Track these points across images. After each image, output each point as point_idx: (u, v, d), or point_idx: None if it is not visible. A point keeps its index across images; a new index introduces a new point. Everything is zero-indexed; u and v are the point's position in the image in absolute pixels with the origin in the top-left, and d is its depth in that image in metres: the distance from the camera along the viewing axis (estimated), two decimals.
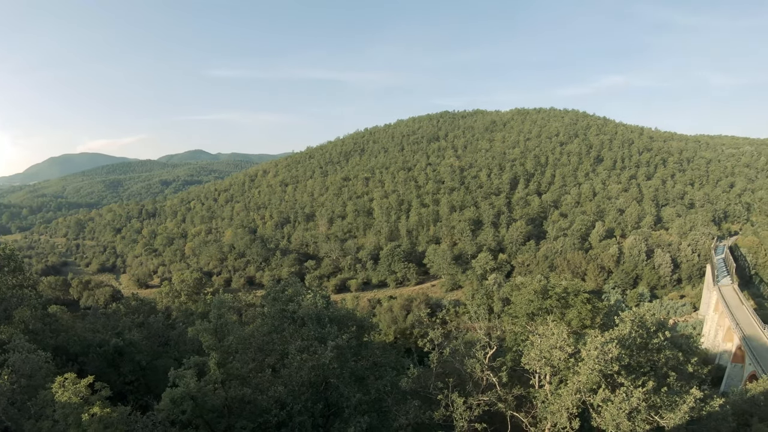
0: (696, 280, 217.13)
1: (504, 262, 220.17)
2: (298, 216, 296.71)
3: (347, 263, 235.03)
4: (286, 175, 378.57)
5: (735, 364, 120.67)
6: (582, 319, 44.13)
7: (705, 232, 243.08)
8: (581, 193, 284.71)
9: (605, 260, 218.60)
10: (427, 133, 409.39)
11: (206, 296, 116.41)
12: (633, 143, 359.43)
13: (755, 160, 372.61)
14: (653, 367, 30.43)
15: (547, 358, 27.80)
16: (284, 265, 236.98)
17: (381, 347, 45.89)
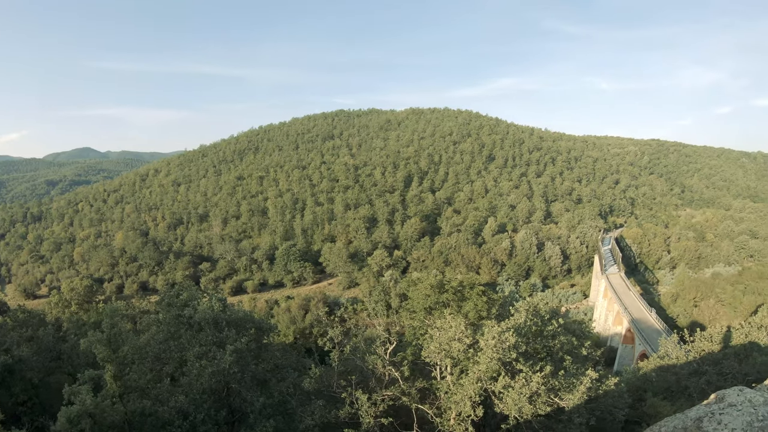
0: (585, 270, 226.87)
1: (400, 259, 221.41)
2: (191, 217, 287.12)
3: (243, 264, 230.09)
4: (179, 175, 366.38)
5: (626, 345, 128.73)
6: (478, 311, 44.34)
7: (592, 225, 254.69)
8: (474, 190, 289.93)
9: (498, 254, 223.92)
10: (322, 132, 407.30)
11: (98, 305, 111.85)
12: (524, 143, 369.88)
13: (638, 159, 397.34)
14: (549, 352, 30.95)
15: (446, 350, 27.60)
16: (178, 269, 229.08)
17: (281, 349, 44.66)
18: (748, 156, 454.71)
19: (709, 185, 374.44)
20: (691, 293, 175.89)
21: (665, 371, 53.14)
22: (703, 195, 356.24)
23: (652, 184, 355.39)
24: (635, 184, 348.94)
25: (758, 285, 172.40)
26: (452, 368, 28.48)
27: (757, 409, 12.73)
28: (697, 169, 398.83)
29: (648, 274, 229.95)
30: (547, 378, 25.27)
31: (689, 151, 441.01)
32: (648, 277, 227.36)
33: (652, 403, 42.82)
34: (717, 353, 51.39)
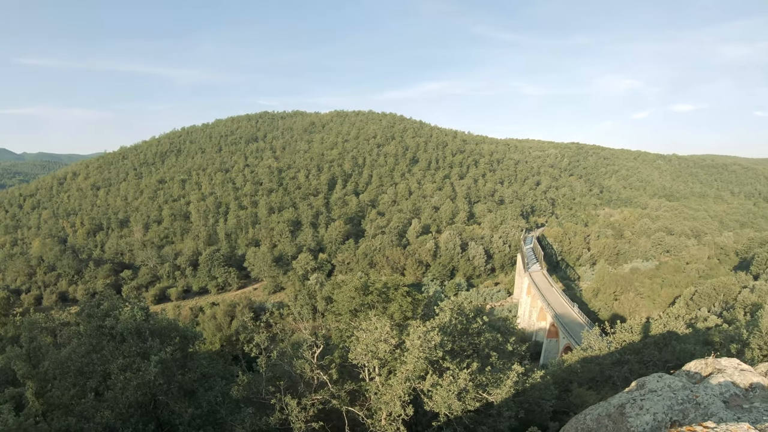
0: (508, 268, 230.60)
1: (324, 262, 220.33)
2: (111, 222, 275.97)
3: (166, 271, 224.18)
4: (98, 178, 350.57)
5: (550, 339, 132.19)
6: (403, 311, 44.44)
7: (515, 225, 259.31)
8: (398, 193, 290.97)
9: (423, 255, 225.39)
10: (246, 134, 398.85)
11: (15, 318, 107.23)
12: (447, 145, 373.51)
13: (559, 161, 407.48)
14: (475, 349, 31.19)
15: (373, 351, 27.51)
16: (99, 277, 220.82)
17: (208, 357, 43.69)
18: (664, 158, 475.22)
19: (626, 186, 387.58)
20: (611, 288, 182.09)
21: (589, 362, 54.51)
22: (621, 195, 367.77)
23: (572, 185, 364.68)
24: (556, 185, 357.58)
25: (674, 278, 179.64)
26: (380, 369, 28.42)
27: (676, 393, 13.07)
28: (615, 170, 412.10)
29: (569, 271, 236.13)
30: (474, 374, 25.50)
31: (607, 153, 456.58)
32: (570, 273, 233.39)
33: (578, 393, 43.83)
34: (638, 343, 53.02)
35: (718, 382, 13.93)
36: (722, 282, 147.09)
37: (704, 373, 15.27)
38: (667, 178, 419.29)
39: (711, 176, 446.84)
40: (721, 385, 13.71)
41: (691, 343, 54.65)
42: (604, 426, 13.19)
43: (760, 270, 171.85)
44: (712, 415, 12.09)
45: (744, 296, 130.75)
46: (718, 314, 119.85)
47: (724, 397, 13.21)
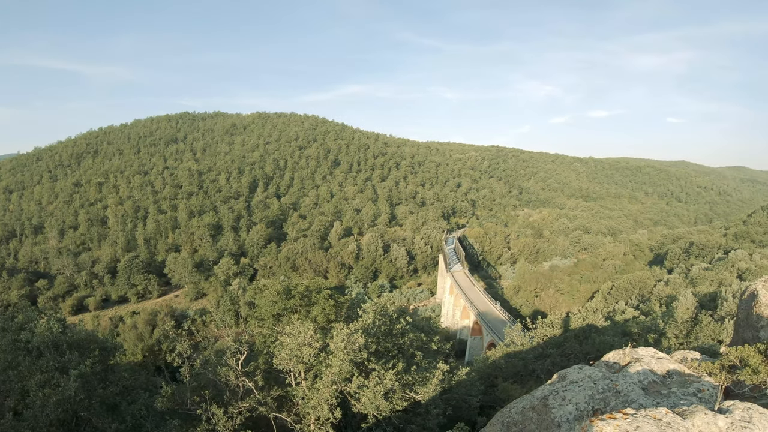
0: (431, 269, 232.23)
1: (247, 266, 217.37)
2: (25, 228, 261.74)
3: (83, 279, 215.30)
4: (10, 181, 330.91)
5: (474, 337, 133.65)
6: (327, 314, 44.23)
7: (436, 227, 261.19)
8: (319, 195, 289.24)
9: (345, 257, 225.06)
10: (166, 135, 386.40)
11: None
12: (369, 148, 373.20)
13: (479, 164, 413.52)
14: (400, 350, 31.32)
15: (298, 356, 27.30)
16: (13, 288, 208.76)
17: (130, 369, 42.56)
18: (581, 161, 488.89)
19: (545, 187, 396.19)
20: (531, 285, 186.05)
21: (513, 357, 55.37)
22: (540, 196, 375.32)
23: (492, 186, 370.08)
24: (476, 187, 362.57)
25: (592, 274, 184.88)
26: (306, 373, 28.21)
27: (596, 383, 13.38)
28: (533, 172, 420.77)
29: (491, 270, 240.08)
30: (400, 374, 25.60)
31: (527, 156, 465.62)
32: (491, 272, 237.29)
33: (504, 388, 44.46)
34: (559, 337, 54.19)
35: (636, 370, 14.37)
36: (638, 276, 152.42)
37: (623, 363, 15.72)
38: (583, 180, 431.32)
39: (626, 178, 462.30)
40: (639, 373, 14.15)
41: (609, 335, 56.26)
42: (529, 418, 13.39)
43: (674, 264, 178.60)
44: (632, 401, 12.46)
45: (659, 289, 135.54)
46: (635, 307, 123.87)
47: (642, 384, 13.63)
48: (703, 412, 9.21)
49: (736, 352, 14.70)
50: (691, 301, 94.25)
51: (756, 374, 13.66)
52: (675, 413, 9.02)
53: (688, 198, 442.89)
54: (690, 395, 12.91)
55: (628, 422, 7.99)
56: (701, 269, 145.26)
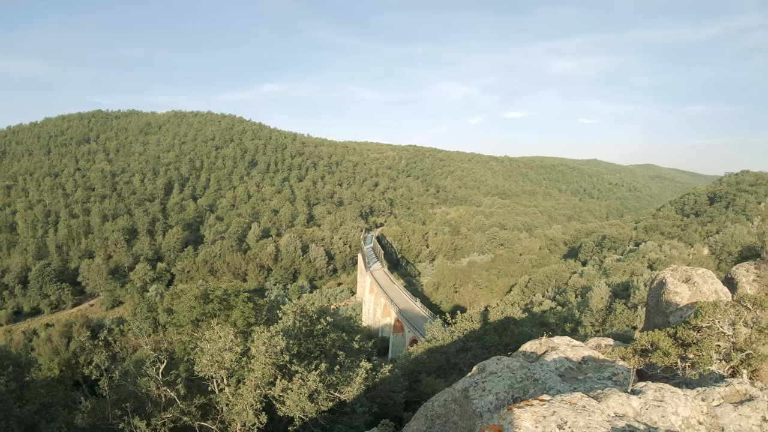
0: (350, 268, 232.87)
1: (164, 271, 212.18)
2: None
3: None
4: None
5: (396, 334, 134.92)
6: (246, 317, 43.65)
7: (354, 226, 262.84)
8: (236, 196, 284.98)
9: (264, 259, 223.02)
10: (78, 134, 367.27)
11: None
12: (286, 148, 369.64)
13: (396, 163, 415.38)
14: (323, 350, 31.30)
15: (219, 361, 26.86)
16: None
17: (47, 385, 40.93)
18: (496, 160, 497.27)
19: (461, 185, 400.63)
20: (451, 281, 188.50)
21: (435, 352, 56.01)
22: (457, 194, 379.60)
23: (409, 185, 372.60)
24: (394, 186, 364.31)
25: (509, 269, 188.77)
26: (228, 379, 27.84)
27: (515, 373, 13.64)
28: (450, 171, 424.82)
29: (410, 268, 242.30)
30: (323, 375, 25.56)
31: (443, 155, 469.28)
32: (410, 270, 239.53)
33: (428, 382, 44.84)
34: (479, 330, 55.22)
35: (552, 358, 14.74)
36: (554, 269, 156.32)
37: (539, 352, 16.12)
38: (499, 178, 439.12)
39: (540, 176, 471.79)
40: (555, 361, 14.52)
41: (528, 326, 57.65)
42: (452, 410, 13.56)
43: (588, 257, 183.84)
44: (550, 388, 12.76)
45: (574, 281, 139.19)
46: (552, 298, 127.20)
47: (559, 371, 14.00)
48: (617, 394, 9.50)
49: (647, 336, 15.25)
50: (605, 291, 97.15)
51: (667, 356, 14.22)
52: (590, 397, 9.27)
53: (600, 194, 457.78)
54: (605, 379, 13.36)
55: (544, 408, 8.16)
56: (614, 261, 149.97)
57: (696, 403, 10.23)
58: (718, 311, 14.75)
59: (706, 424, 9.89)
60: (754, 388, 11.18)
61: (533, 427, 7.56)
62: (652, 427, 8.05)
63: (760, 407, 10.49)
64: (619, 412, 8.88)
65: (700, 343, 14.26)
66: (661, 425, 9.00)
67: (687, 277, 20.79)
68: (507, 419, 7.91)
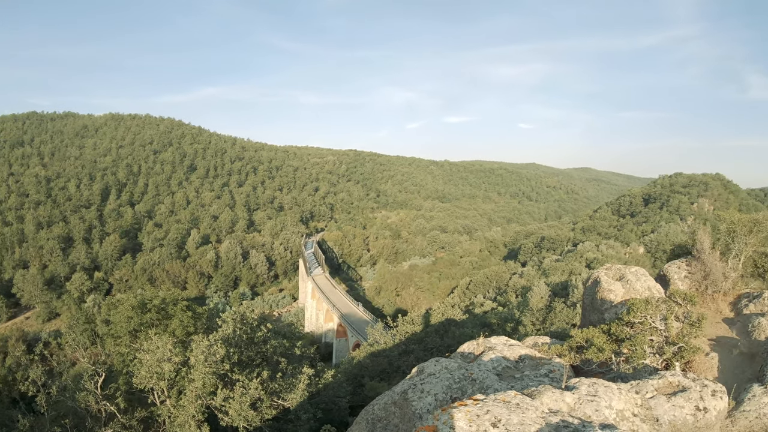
0: (291, 274, 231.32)
1: (101, 281, 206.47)
2: None
3: None
4: None
5: (340, 339, 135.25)
6: (185, 326, 43.08)
7: (295, 231, 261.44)
8: (175, 202, 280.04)
9: (204, 266, 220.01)
10: (11, 137, 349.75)
11: None
12: (226, 152, 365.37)
13: (337, 168, 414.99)
14: (264, 357, 31.02)
15: (158, 373, 26.48)
16: None
17: None
18: (436, 164, 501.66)
19: (402, 189, 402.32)
20: (392, 284, 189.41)
21: (378, 356, 56.24)
22: (397, 198, 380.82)
23: (349, 190, 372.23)
24: (334, 190, 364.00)
25: (450, 271, 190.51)
26: (169, 391, 27.42)
27: (453, 374, 13.77)
28: (391, 175, 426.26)
29: (352, 272, 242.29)
30: (266, 382, 25.39)
31: (384, 160, 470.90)
32: (352, 274, 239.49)
33: (371, 386, 44.95)
34: (420, 333, 55.65)
35: (490, 358, 14.93)
36: (494, 271, 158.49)
37: (477, 353, 16.31)
38: (439, 182, 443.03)
39: (480, 179, 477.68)
40: (492, 360, 14.72)
41: (469, 327, 58.30)
42: (392, 413, 13.63)
43: (527, 258, 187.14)
44: (488, 387, 12.91)
45: (514, 281, 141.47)
46: (493, 299, 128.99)
47: (497, 371, 14.18)
48: (550, 391, 9.62)
49: (582, 333, 15.56)
50: (544, 290, 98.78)
51: (601, 352, 14.54)
52: (524, 394, 9.37)
53: (538, 197, 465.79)
54: (542, 376, 13.63)
55: (478, 407, 8.20)
56: (553, 261, 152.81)
57: (630, 396, 10.47)
58: (650, 307, 15.12)
59: (641, 415, 10.13)
60: (686, 380, 11.64)
61: (467, 427, 7.58)
62: (586, 422, 8.14)
63: (693, 397, 10.95)
64: (554, 408, 8.99)
65: (633, 338, 14.61)
66: (595, 419, 9.15)
67: (621, 275, 21.30)
68: (441, 419, 7.93)
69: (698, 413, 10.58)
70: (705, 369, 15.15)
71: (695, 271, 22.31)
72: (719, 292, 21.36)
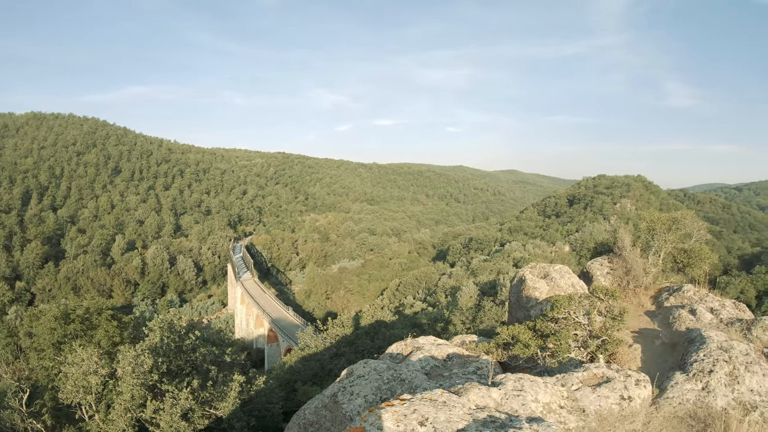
0: (220, 280, 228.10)
1: (23, 291, 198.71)
2: None
3: None
4: None
5: (271, 344, 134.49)
6: (111, 337, 42.10)
7: (223, 236, 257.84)
8: (99, 206, 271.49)
9: (130, 273, 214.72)
10: None
11: None
12: (152, 154, 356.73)
13: (265, 171, 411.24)
14: (194, 366, 30.36)
15: (85, 386, 25.81)
16: None
17: None
18: (365, 166, 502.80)
19: (330, 192, 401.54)
20: (322, 288, 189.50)
21: (309, 360, 56.13)
22: (326, 201, 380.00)
23: (278, 193, 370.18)
24: (262, 193, 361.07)
25: (380, 273, 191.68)
26: (97, 405, 26.74)
27: (382, 375, 13.90)
28: (319, 178, 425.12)
29: (281, 276, 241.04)
30: (196, 392, 24.97)
31: (312, 162, 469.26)
32: (281, 278, 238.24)
33: (304, 391, 44.80)
34: (351, 335, 55.76)
35: (418, 358, 15.15)
36: (423, 272, 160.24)
37: (405, 353, 16.52)
38: (368, 185, 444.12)
39: (408, 182, 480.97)
40: (421, 360, 14.94)
41: (399, 328, 58.75)
42: (323, 416, 13.67)
43: (456, 258, 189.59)
44: (417, 387, 13.09)
45: (443, 282, 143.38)
46: (423, 299, 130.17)
47: (425, 370, 14.40)
48: (477, 388, 9.79)
49: (508, 330, 15.93)
50: (473, 290, 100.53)
51: (527, 348, 14.93)
52: (451, 392, 9.51)
53: (466, 199, 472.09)
54: (470, 374, 13.96)
55: (405, 407, 8.28)
56: (481, 261, 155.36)
57: (556, 389, 10.78)
58: (573, 303, 15.56)
59: (567, 407, 10.44)
60: (610, 371, 12.11)
61: (395, 427, 7.64)
62: (513, 416, 8.30)
63: (617, 387, 11.37)
64: (480, 404, 9.13)
65: (558, 333, 14.97)
66: (522, 413, 9.34)
67: (545, 273, 21.83)
68: (369, 420, 7.96)
69: (623, 402, 10.97)
70: (629, 360, 15.64)
71: (617, 267, 23.05)
72: (641, 286, 22.16)
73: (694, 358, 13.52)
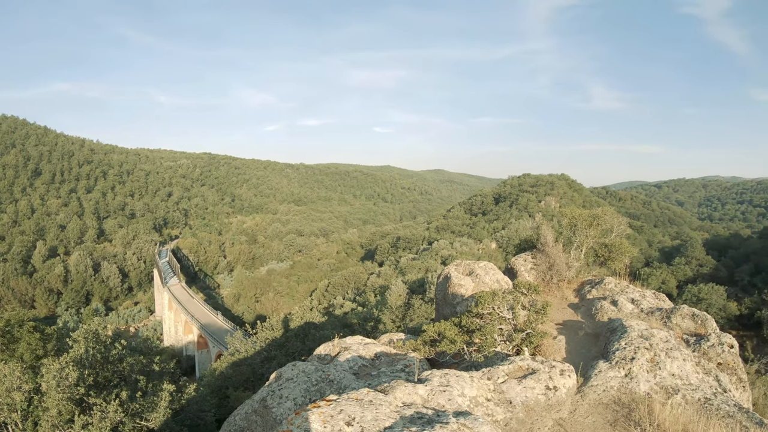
0: (146, 286, 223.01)
1: None
2: None
3: None
4: None
5: (201, 351, 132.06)
6: (34, 350, 40.79)
7: (148, 240, 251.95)
8: (19, 211, 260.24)
9: (53, 281, 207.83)
10: None
11: None
12: (74, 155, 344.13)
13: (191, 172, 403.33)
14: (121, 377, 29.70)
15: (9, 404, 24.94)
16: None
17: None
18: (292, 167, 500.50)
19: (257, 193, 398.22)
20: (251, 291, 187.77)
21: (240, 365, 55.55)
22: (253, 202, 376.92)
23: (204, 195, 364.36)
24: (188, 195, 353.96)
25: (309, 274, 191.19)
26: (23, 423, 25.90)
27: (310, 377, 13.98)
28: (246, 179, 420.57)
29: (209, 280, 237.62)
30: (125, 404, 24.43)
31: (239, 163, 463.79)
32: (209, 282, 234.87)
33: (236, 397, 44.35)
34: (281, 338, 55.40)
35: (346, 358, 15.26)
36: (352, 272, 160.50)
37: (333, 354, 16.62)
38: (295, 185, 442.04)
39: (335, 182, 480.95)
40: (349, 360, 15.05)
41: (329, 329, 58.75)
42: (253, 422, 13.62)
43: (384, 258, 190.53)
44: (345, 387, 13.19)
45: (373, 281, 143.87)
46: (353, 299, 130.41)
47: (353, 370, 14.50)
48: (403, 385, 9.94)
49: (435, 327, 16.21)
50: (402, 288, 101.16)
51: (453, 344, 15.26)
52: (378, 391, 9.63)
53: (393, 198, 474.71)
54: (398, 372, 14.13)
55: (332, 407, 8.36)
56: (409, 260, 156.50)
57: (482, 382, 11.05)
58: (497, 298, 15.93)
59: (494, 400, 10.74)
60: (535, 363, 12.56)
61: (322, 428, 7.70)
62: (441, 411, 8.46)
63: (543, 378, 11.79)
64: (407, 401, 9.28)
65: (483, 328, 15.30)
66: (449, 407, 9.53)
67: (470, 270, 22.22)
68: (295, 423, 8.00)
69: (549, 392, 11.34)
70: (554, 351, 16.07)
71: (540, 262, 23.64)
72: (564, 280, 22.80)
73: (617, 346, 13.97)
